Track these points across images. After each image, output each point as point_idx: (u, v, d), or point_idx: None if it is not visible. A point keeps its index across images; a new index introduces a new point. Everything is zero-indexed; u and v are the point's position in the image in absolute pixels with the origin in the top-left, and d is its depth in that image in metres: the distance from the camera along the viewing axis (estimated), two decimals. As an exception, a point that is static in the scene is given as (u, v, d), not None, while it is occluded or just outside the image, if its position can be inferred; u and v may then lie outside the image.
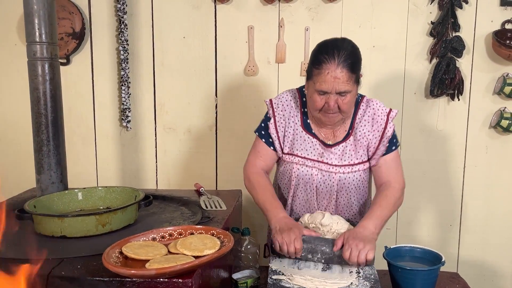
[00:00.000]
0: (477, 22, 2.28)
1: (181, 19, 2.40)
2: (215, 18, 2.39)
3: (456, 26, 2.25)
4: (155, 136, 2.52)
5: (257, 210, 1.60)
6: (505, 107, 2.31)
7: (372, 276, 1.40)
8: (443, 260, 1.45)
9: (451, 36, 2.26)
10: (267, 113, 1.74)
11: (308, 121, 1.71)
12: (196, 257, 1.22)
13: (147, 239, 1.35)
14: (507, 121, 2.26)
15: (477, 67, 2.31)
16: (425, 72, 2.34)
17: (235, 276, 1.53)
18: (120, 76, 2.43)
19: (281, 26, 2.35)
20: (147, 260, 1.20)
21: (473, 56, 2.31)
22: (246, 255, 1.56)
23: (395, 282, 1.45)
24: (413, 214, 2.44)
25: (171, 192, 2.02)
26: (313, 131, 1.70)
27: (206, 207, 1.77)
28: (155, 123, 2.51)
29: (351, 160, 1.68)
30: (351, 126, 1.69)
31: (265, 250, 1.61)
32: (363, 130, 1.68)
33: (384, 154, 1.68)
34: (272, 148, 1.73)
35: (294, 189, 1.73)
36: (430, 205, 2.43)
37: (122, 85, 2.43)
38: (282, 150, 1.73)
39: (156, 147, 2.53)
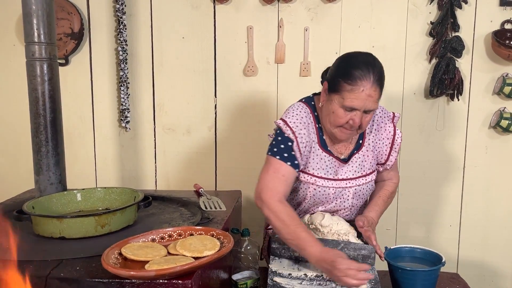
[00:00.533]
0: (476, 22, 2.28)
1: (180, 20, 2.40)
2: (214, 18, 2.38)
3: (455, 26, 2.24)
4: (154, 136, 2.51)
5: (257, 211, 1.58)
6: (505, 107, 2.31)
7: (373, 277, 1.39)
8: (443, 260, 1.45)
9: (450, 36, 2.26)
10: (282, 133, 1.56)
11: (324, 137, 1.63)
12: (196, 258, 1.22)
13: (146, 240, 1.35)
14: (507, 121, 2.26)
15: (476, 67, 2.31)
16: (424, 72, 2.34)
17: (235, 277, 1.53)
18: (119, 76, 2.43)
19: (280, 26, 2.34)
20: (147, 261, 1.20)
21: (473, 56, 2.30)
22: (245, 256, 1.55)
23: (395, 282, 1.45)
24: (413, 214, 2.44)
25: (170, 193, 2.01)
26: (328, 147, 1.63)
27: (206, 208, 1.76)
28: (154, 124, 2.50)
29: (364, 170, 1.66)
30: (362, 136, 1.67)
31: (261, 253, 1.61)
32: (374, 139, 1.68)
33: None
34: (297, 170, 1.56)
35: (305, 205, 1.68)
36: (430, 205, 2.43)
37: (121, 85, 2.42)
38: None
39: (155, 147, 2.52)
